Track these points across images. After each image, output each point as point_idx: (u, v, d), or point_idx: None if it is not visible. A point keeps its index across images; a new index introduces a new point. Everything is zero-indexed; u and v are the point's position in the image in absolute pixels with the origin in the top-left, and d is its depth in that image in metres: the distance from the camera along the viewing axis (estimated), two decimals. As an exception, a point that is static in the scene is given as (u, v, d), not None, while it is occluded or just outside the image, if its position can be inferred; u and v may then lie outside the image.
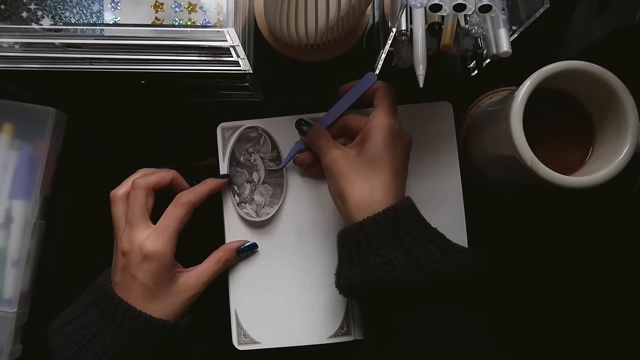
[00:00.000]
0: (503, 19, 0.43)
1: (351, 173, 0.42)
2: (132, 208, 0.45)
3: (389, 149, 0.42)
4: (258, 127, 0.51)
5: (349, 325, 0.48)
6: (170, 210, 0.45)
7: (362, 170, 0.42)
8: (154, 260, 0.43)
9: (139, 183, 0.45)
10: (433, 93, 0.48)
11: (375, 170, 0.42)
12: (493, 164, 0.48)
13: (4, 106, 0.51)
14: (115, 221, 0.46)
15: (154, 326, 0.42)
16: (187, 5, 0.45)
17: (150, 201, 0.46)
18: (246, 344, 0.49)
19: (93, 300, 0.44)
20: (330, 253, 0.49)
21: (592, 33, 0.53)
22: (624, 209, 0.52)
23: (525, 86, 0.39)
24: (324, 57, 0.51)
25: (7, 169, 0.51)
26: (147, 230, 0.44)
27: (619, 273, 0.52)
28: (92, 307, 0.44)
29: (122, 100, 0.54)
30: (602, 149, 0.42)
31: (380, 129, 0.42)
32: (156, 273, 0.43)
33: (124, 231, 0.44)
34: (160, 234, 0.44)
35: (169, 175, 0.48)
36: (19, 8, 0.44)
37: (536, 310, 0.51)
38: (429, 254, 0.38)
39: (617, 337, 0.51)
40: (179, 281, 0.45)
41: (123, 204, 0.45)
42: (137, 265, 0.43)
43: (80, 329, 0.42)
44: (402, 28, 0.43)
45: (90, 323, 0.43)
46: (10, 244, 0.50)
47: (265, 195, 0.50)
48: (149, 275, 0.43)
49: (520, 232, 0.53)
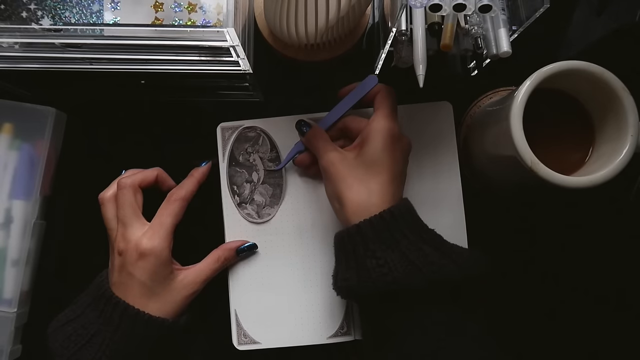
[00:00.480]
0: (503, 19, 0.43)
1: (349, 176, 0.42)
2: (123, 207, 0.45)
3: (388, 152, 0.42)
4: (256, 127, 0.51)
5: (349, 325, 0.48)
6: (163, 207, 0.46)
7: (360, 173, 0.42)
8: (150, 257, 0.43)
9: (124, 182, 0.45)
10: (433, 93, 0.48)
11: (374, 173, 0.42)
12: (493, 164, 0.48)
13: (4, 106, 0.51)
14: (107, 222, 0.46)
15: (153, 324, 0.42)
16: (187, 5, 0.45)
17: (140, 198, 0.46)
18: (246, 344, 0.49)
19: (91, 301, 0.44)
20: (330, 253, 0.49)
21: (592, 33, 0.53)
22: (624, 209, 0.52)
23: (525, 86, 0.39)
24: (324, 57, 0.51)
25: (7, 169, 0.51)
26: (142, 227, 0.45)
27: (619, 273, 0.52)
28: (90, 307, 0.44)
29: (122, 100, 0.54)
30: (602, 149, 0.42)
31: (380, 132, 0.42)
32: (153, 270, 0.43)
33: (118, 231, 0.45)
34: (156, 231, 0.44)
35: (154, 172, 0.48)
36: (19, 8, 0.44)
37: (536, 310, 0.51)
38: (425, 256, 0.38)
39: (617, 337, 0.51)
40: (177, 279, 0.45)
41: (112, 205, 0.46)
42: (133, 263, 0.43)
43: (79, 329, 0.42)
44: (402, 28, 0.43)
45: (89, 323, 0.43)
46: (10, 244, 0.50)
47: (265, 195, 0.50)
48: (147, 272, 0.43)
49: (520, 232, 0.53)
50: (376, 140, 0.42)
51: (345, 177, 0.42)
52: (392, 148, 0.42)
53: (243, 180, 0.51)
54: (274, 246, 0.50)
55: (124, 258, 0.43)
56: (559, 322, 0.52)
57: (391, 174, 0.42)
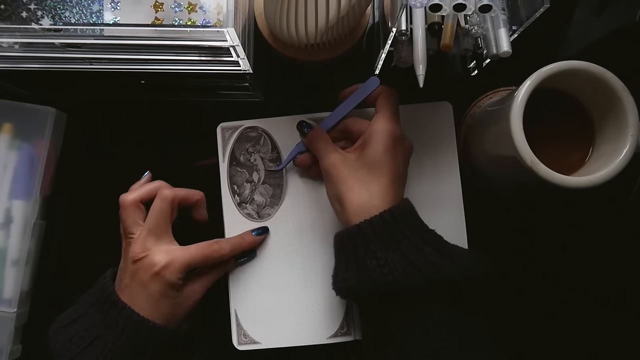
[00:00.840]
0: (503, 19, 0.43)
1: (350, 177, 0.42)
2: (158, 218, 0.44)
3: (389, 154, 0.42)
4: (258, 127, 0.51)
5: (349, 325, 0.48)
6: (205, 248, 0.45)
7: (361, 175, 0.42)
8: (165, 278, 0.43)
9: (167, 194, 0.45)
10: (433, 93, 0.48)
11: (375, 175, 0.42)
12: (493, 164, 0.48)
13: (4, 106, 0.51)
14: (127, 227, 0.45)
15: (157, 332, 0.42)
16: (187, 5, 0.45)
17: (174, 216, 0.46)
18: (246, 344, 0.49)
19: (94, 301, 0.44)
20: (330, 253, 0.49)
21: (592, 33, 0.53)
22: (624, 209, 0.52)
23: (525, 86, 0.39)
24: (324, 57, 0.51)
25: (7, 169, 0.51)
26: (169, 245, 0.44)
27: (619, 273, 0.52)
28: (93, 308, 0.43)
29: (122, 100, 0.54)
30: (602, 149, 0.42)
31: (381, 134, 0.42)
32: (164, 292, 0.43)
33: (139, 237, 0.44)
34: (182, 259, 0.43)
35: (198, 195, 0.48)
36: (19, 8, 0.44)
37: (536, 310, 0.51)
38: (426, 257, 0.38)
39: (617, 337, 0.51)
40: (183, 294, 0.45)
41: (134, 211, 0.45)
42: (149, 277, 0.43)
43: (81, 331, 0.42)
44: (402, 28, 0.43)
45: (92, 326, 0.42)
46: (10, 244, 0.50)
47: (266, 195, 0.50)
48: (158, 290, 0.43)
49: (520, 232, 0.53)
50: (378, 142, 0.42)
51: (346, 178, 0.42)
52: (393, 150, 0.42)
53: (243, 180, 0.51)
54: (274, 246, 0.50)
55: (140, 266, 0.43)
56: (559, 322, 0.52)
57: (392, 175, 0.42)
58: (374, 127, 0.43)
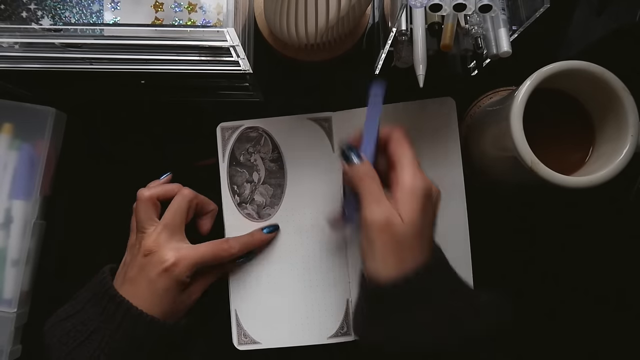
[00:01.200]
0: (503, 19, 0.43)
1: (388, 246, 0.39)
2: (175, 214, 0.45)
3: (424, 217, 0.39)
4: (258, 127, 0.51)
5: (349, 325, 0.48)
6: (213, 245, 0.46)
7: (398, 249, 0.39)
8: (174, 274, 0.43)
9: (188, 193, 0.46)
10: (433, 93, 0.48)
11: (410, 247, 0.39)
12: (493, 163, 0.48)
13: (4, 106, 0.51)
14: (140, 222, 0.45)
15: (154, 326, 0.42)
16: (187, 5, 0.45)
17: (190, 216, 0.47)
18: (246, 344, 0.49)
19: (92, 296, 0.44)
20: (330, 253, 0.49)
21: (592, 33, 0.53)
22: (624, 209, 0.52)
23: (525, 86, 0.39)
24: (324, 57, 0.51)
25: (7, 169, 0.51)
26: (181, 243, 0.45)
27: (619, 273, 0.52)
28: (90, 303, 0.43)
29: (122, 100, 0.54)
30: (602, 149, 0.42)
31: (415, 197, 0.39)
32: (171, 288, 0.43)
33: (154, 231, 0.44)
34: (192, 257, 0.44)
35: (213, 205, 0.50)
36: (19, 8, 0.44)
37: (536, 310, 0.51)
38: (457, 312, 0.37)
39: (617, 337, 0.51)
40: (185, 293, 0.45)
41: (149, 207, 0.45)
42: (158, 272, 0.43)
43: (78, 325, 0.42)
44: (402, 28, 0.43)
45: (89, 320, 0.42)
46: (10, 244, 0.50)
47: (266, 195, 0.50)
48: (165, 286, 0.43)
49: (520, 232, 0.53)
50: (413, 207, 0.39)
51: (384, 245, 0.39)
52: (427, 211, 0.39)
53: (243, 180, 0.51)
54: (274, 246, 0.50)
55: (150, 261, 0.43)
56: (559, 322, 0.52)
57: (426, 237, 0.40)
58: (405, 186, 0.39)
